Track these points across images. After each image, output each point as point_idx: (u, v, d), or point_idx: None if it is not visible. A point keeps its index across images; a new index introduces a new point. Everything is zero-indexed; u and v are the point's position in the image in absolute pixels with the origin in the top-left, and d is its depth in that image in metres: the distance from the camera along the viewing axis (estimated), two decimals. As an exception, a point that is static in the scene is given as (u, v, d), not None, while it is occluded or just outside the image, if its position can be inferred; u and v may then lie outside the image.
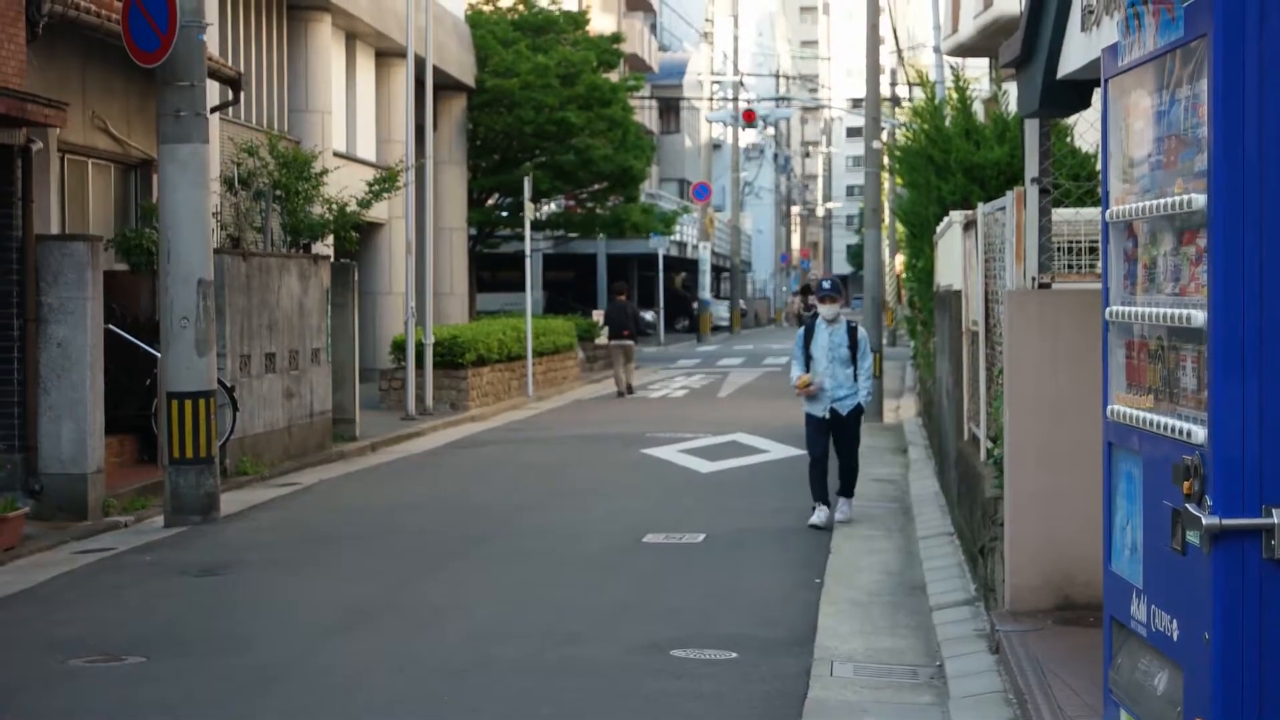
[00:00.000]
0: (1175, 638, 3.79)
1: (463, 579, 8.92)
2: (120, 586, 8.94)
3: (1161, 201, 3.82)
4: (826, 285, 10.59)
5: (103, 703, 6.27)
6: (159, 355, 11.74)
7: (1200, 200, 3.55)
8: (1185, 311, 3.70)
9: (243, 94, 16.38)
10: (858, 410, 10.04)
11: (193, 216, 11.46)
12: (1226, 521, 3.52)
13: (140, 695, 6.37)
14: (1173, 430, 3.77)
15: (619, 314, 26.22)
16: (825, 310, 10.12)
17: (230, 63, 16.60)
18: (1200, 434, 3.61)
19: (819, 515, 9.80)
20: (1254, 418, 3.53)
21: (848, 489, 10.31)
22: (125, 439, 12.90)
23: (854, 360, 9.86)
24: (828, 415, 9.89)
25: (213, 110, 13.41)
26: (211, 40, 13.45)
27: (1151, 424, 3.95)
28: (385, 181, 17.78)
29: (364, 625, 7.63)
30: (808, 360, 9.96)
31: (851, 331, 9.97)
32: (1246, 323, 3.53)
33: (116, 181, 14.83)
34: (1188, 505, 3.62)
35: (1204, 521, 3.53)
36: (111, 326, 12.18)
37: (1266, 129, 3.47)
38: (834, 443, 10.00)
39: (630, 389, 24.46)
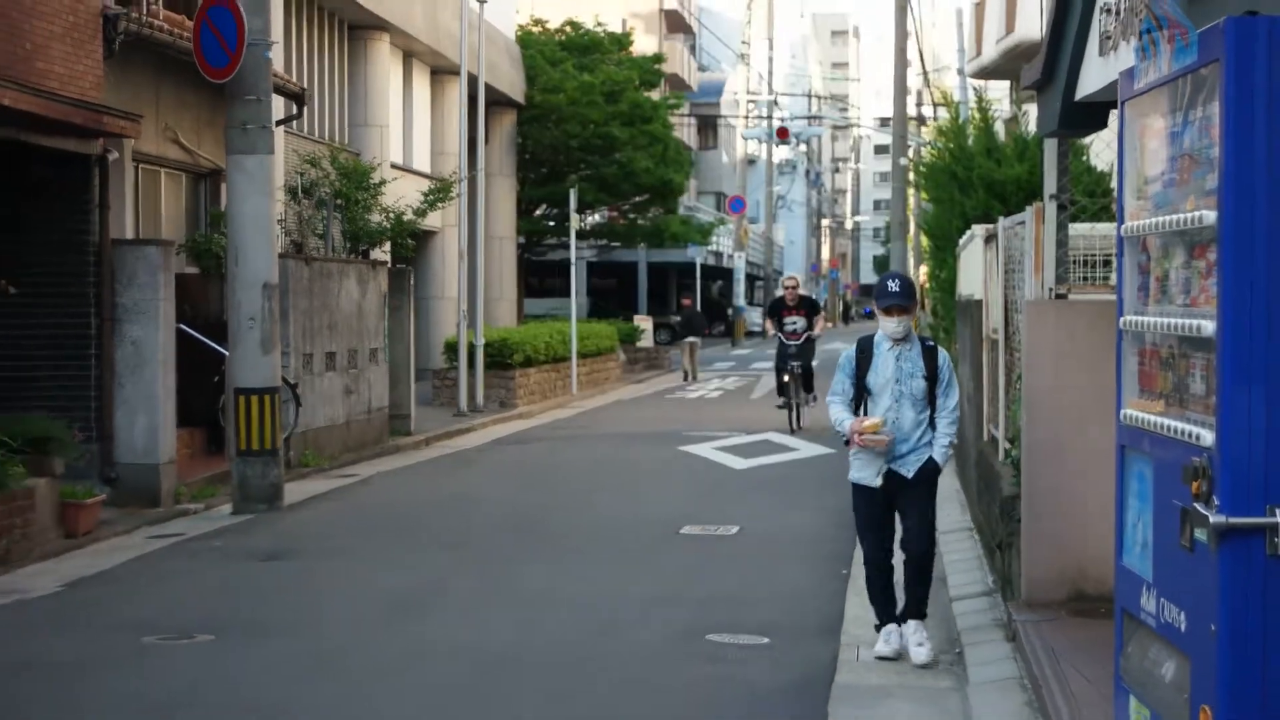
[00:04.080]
0: (1183, 629, 3.83)
1: (511, 568, 8.98)
2: (191, 570, 9.09)
3: (1174, 218, 3.84)
4: (894, 287, 6.17)
5: (174, 679, 6.36)
6: (227, 353, 11.86)
7: (1211, 217, 3.58)
8: (1195, 322, 3.72)
9: (306, 108, 16.79)
10: (931, 468, 6.10)
11: (259, 223, 11.58)
12: (1233, 520, 3.55)
13: (208, 672, 6.50)
14: (1182, 434, 3.78)
15: (690, 317, 29.36)
16: (892, 326, 6.10)
17: (294, 79, 16.88)
18: (1208, 437, 3.63)
19: (883, 646, 6.22)
20: (1260, 423, 3.57)
21: (919, 600, 6.26)
22: (195, 432, 13.08)
23: (931, 399, 6.10)
24: (880, 482, 6.11)
25: (278, 123, 13.68)
26: (277, 57, 13.55)
27: (1162, 427, 3.95)
28: (439, 192, 18.14)
29: (418, 610, 7.71)
30: (859, 397, 6.17)
31: (930, 354, 6.15)
32: (1254, 333, 3.55)
33: (187, 190, 15.02)
34: (1196, 505, 3.66)
35: (1211, 520, 3.57)
36: (182, 326, 12.35)
37: (1275, 151, 3.50)
38: (900, 519, 6.25)
39: (695, 377, 27.18)
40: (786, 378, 16.40)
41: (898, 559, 6.28)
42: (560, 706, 5.90)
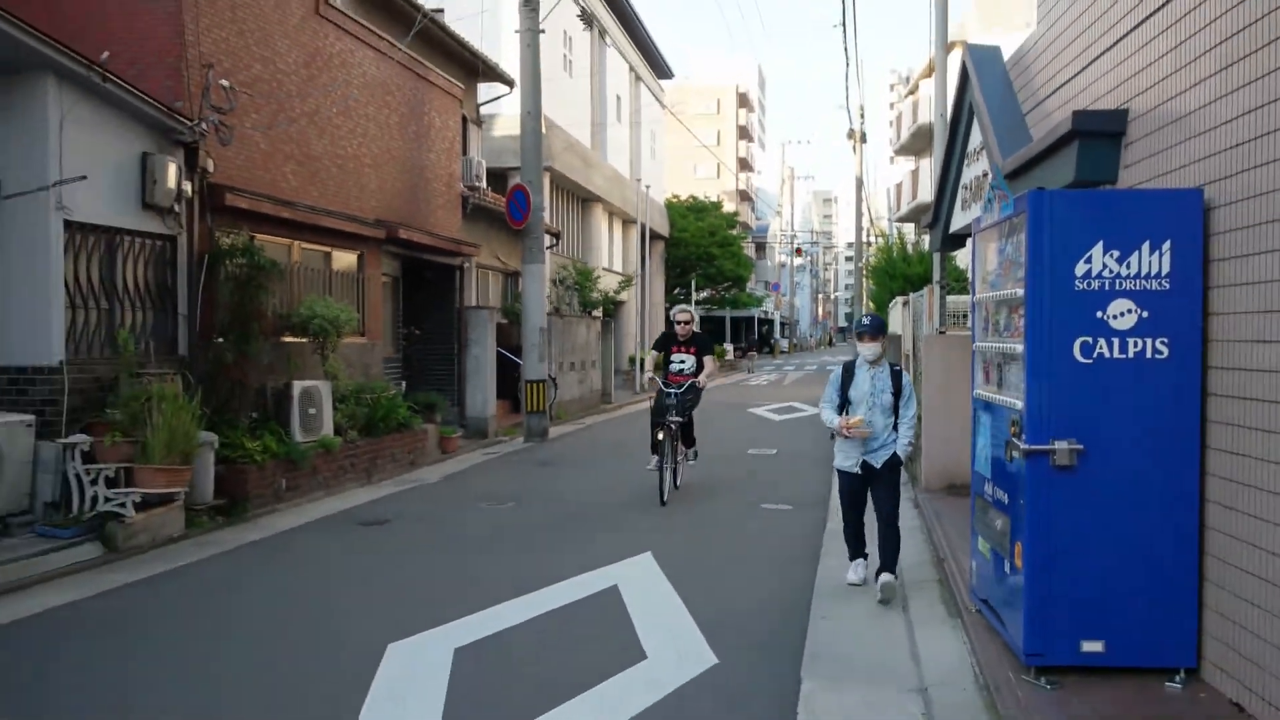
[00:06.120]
0: (1006, 502, 5.58)
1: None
2: (503, 470, 14.16)
3: (1002, 293, 5.70)
4: (866, 321, 7.41)
5: (495, 522, 10.22)
6: (521, 362, 17.92)
7: (1020, 292, 5.34)
8: (1012, 346, 5.52)
9: (560, 241, 25.46)
10: (895, 461, 7.25)
11: (537, 298, 17.82)
12: (1032, 446, 5.24)
13: (512, 518, 10.46)
14: (1007, 403, 5.56)
15: (750, 344, 53.48)
16: (866, 350, 7.33)
17: (554, 225, 25.42)
18: (1019, 404, 5.33)
19: (855, 571, 7.54)
20: (1045, 397, 5.23)
21: (890, 563, 7.22)
22: (505, 402, 19.22)
23: (896, 409, 7.25)
24: (859, 469, 7.31)
25: (547, 248, 20.78)
26: (547, 214, 21.75)
27: (997, 399, 5.78)
28: (626, 282, 31.19)
29: (622, 485, 12.39)
30: (843, 406, 7.38)
31: (896, 376, 7.31)
32: (1040, 352, 5.23)
33: (501, 282, 21.95)
34: (1013, 438, 5.37)
35: (1022, 446, 5.26)
36: (500, 349, 18.55)
37: (1052, 259, 5.21)
38: (871, 501, 7.44)
39: (752, 372, 44.83)
40: (661, 434, 11.21)
41: (869, 519, 7.63)
42: (690, 529, 9.89)
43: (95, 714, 5.24)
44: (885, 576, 7.11)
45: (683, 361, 11.60)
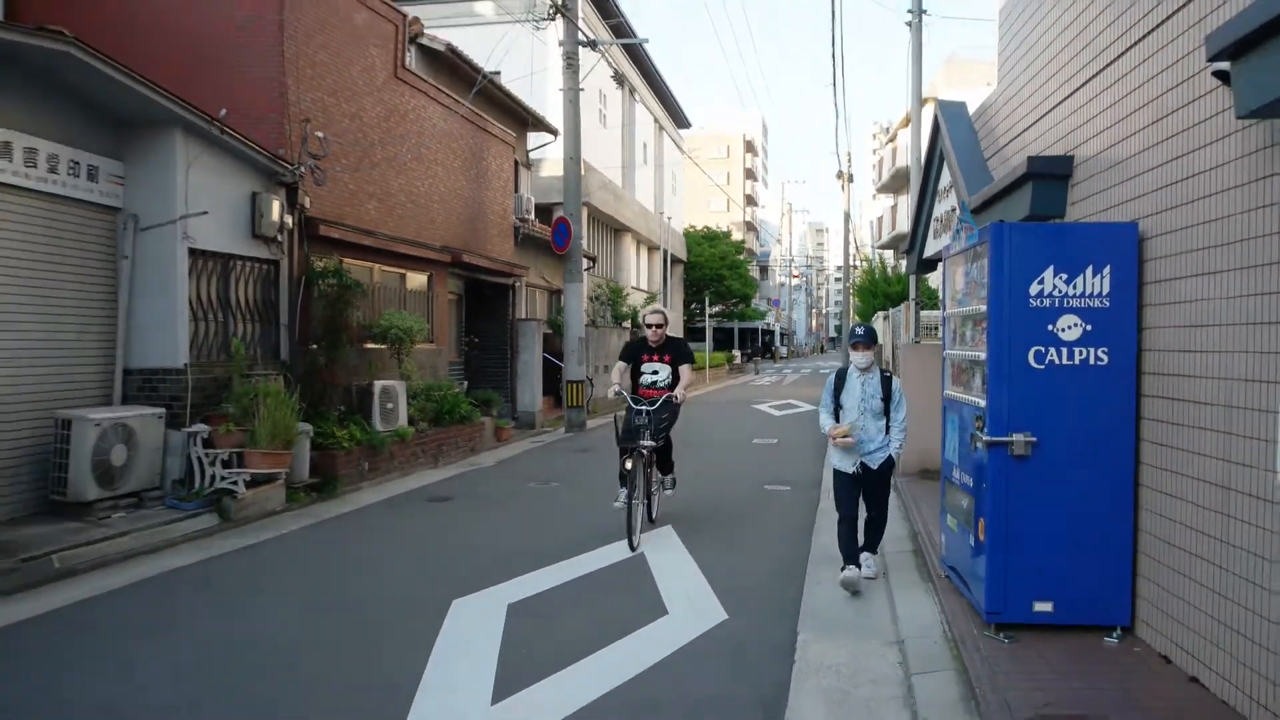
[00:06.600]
0: (971, 485, 5.50)
1: (678, 459, 10.82)
2: (547, 456, 13.93)
3: (969, 309, 5.68)
4: (860, 332, 6.62)
5: (541, 499, 10.23)
6: (562, 365, 17.92)
7: (984, 308, 5.32)
8: (976, 354, 5.45)
9: (595, 264, 25.97)
10: (889, 464, 6.61)
11: (576, 313, 17.72)
12: (992, 438, 5.21)
13: (555, 496, 10.47)
14: (972, 402, 5.52)
15: (755, 350, 53.04)
16: (858, 358, 6.58)
17: (591, 250, 25.83)
18: (982, 402, 5.31)
19: (848, 574, 6.45)
20: (1004, 398, 5.21)
21: (873, 543, 6.83)
22: (549, 398, 18.98)
23: (887, 413, 6.55)
24: (858, 470, 6.60)
25: (585, 270, 20.59)
26: (585, 242, 21.27)
27: (963, 399, 5.73)
28: (650, 298, 31.09)
29: None
30: (837, 410, 6.67)
31: (886, 382, 6.59)
32: (1000, 358, 5.22)
33: (547, 298, 21.55)
34: (977, 431, 5.33)
35: (984, 437, 5.23)
36: (546, 355, 18.51)
37: (1010, 280, 5.20)
38: (864, 497, 6.75)
39: (758, 373, 43.46)
40: (629, 463, 7.76)
41: (861, 515, 6.78)
42: (705, 506, 9.64)
43: (220, 641, 5.37)
44: (866, 556, 6.70)
45: (655, 372, 8.30)
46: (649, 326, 8.37)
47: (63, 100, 8.59)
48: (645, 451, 7.82)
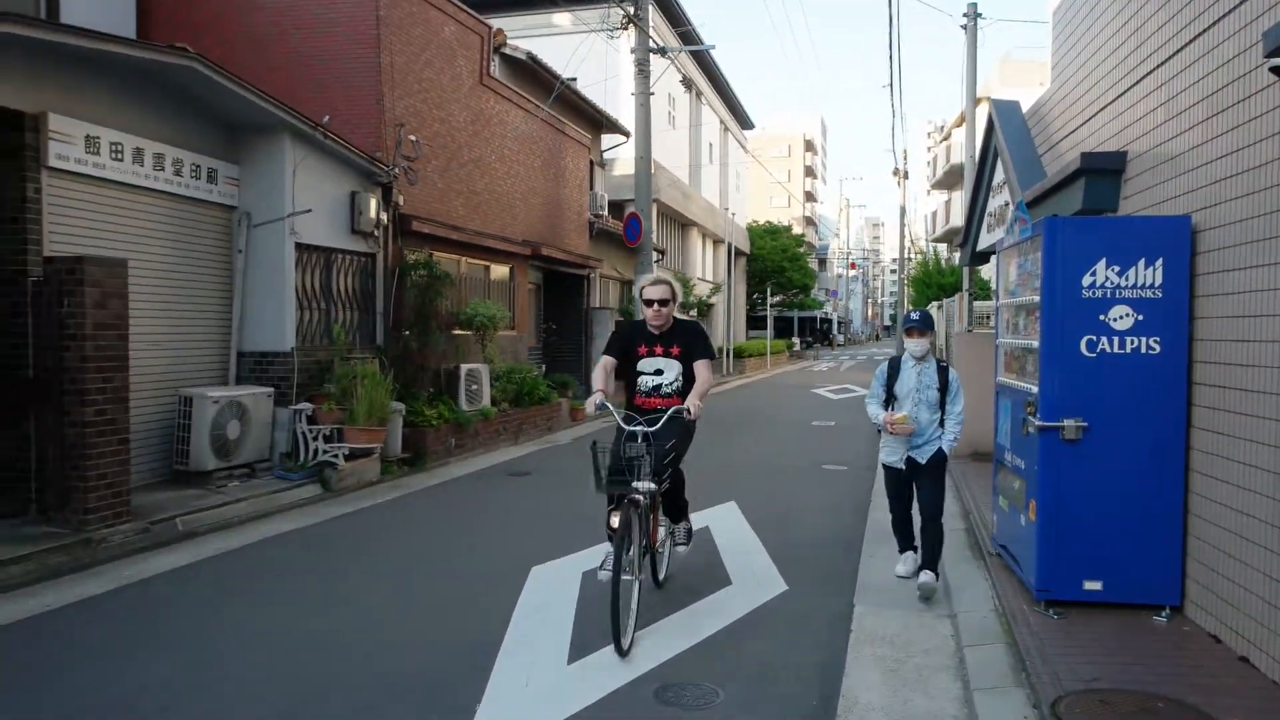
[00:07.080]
0: (1023, 468, 5.37)
1: (736, 438, 12.88)
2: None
3: (1021, 300, 5.56)
4: (915, 316, 5.69)
5: (514, 487, 9.48)
6: None
7: (1036, 299, 5.18)
8: (1029, 342, 5.37)
9: (665, 256, 25.77)
10: (940, 457, 5.65)
11: None
12: (1044, 423, 5.05)
13: (527, 485, 9.69)
14: (1024, 388, 5.37)
15: (814, 338, 49.54)
16: (913, 345, 5.69)
17: (660, 244, 25.58)
18: (1034, 389, 5.17)
19: (905, 564, 5.98)
20: (1055, 384, 5.05)
21: (932, 560, 5.68)
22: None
23: (942, 405, 5.67)
24: (903, 465, 5.77)
25: (655, 262, 20.25)
26: (654, 235, 21.48)
27: (1015, 385, 5.59)
28: (715, 289, 30.54)
29: (703, 453, 10.81)
30: (889, 401, 5.79)
31: (943, 372, 5.72)
32: (1052, 347, 5.05)
33: (619, 288, 21.08)
34: (1029, 416, 5.19)
35: (1036, 422, 5.10)
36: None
37: (1062, 272, 5.03)
38: (916, 496, 5.79)
39: (817, 359, 40.98)
40: (617, 516, 4.69)
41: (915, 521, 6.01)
42: (766, 483, 9.69)
43: (329, 597, 5.52)
44: (925, 575, 5.59)
45: (659, 372, 5.24)
46: (648, 304, 5.22)
47: (185, 110, 8.86)
48: (641, 500, 4.74)
